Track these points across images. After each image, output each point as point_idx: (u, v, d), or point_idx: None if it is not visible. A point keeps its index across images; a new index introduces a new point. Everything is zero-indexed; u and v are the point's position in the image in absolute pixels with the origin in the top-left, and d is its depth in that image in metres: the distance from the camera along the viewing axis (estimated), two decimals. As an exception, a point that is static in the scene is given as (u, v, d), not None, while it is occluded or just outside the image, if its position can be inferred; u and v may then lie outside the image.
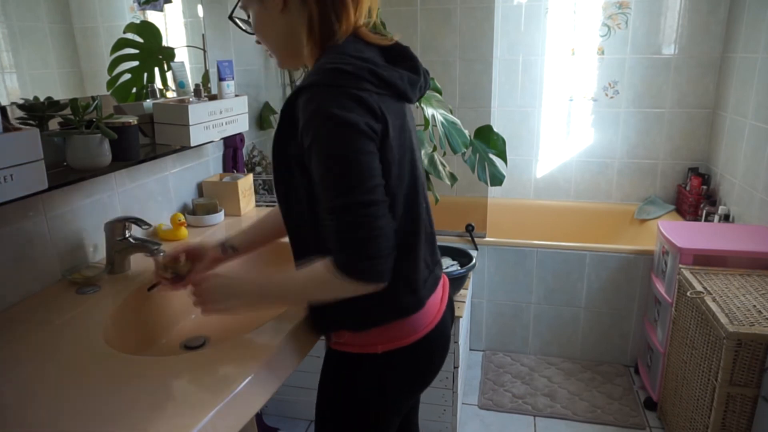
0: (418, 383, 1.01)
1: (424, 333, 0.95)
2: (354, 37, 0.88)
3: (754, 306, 1.55)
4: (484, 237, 2.38)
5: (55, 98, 1.14)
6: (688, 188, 2.60)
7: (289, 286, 0.89)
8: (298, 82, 2.34)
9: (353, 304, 0.84)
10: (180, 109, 1.38)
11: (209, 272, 1.05)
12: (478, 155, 2.22)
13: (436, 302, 0.99)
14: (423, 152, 1.90)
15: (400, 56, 0.92)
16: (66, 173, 1.12)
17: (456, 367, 1.88)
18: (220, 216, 1.63)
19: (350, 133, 0.77)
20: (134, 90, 1.42)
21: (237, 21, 1.00)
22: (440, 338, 1.00)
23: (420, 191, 0.93)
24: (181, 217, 1.49)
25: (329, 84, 0.79)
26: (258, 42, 0.95)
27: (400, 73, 0.87)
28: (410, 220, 0.90)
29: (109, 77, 1.32)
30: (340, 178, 0.78)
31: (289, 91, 2.35)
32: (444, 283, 1.06)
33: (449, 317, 1.06)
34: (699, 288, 1.67)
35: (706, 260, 1.85)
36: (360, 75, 0.80)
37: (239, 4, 0.95)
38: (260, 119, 2.13)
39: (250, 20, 0.94)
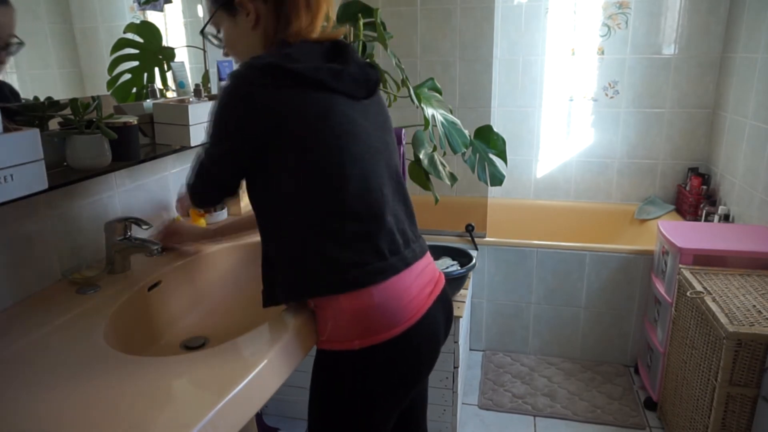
0: (403, 383, 1.00)
1: (403, 328, 0.95)
2: (302, 40, 0.97)
3: (754, 306, 1.55)
4: (484, 237, 2.38)
5: (55, 98, 1.14)
6: (688, 188, 2.60)
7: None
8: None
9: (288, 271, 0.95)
10: (180, 109, 1.38)
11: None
12: (478, 155, 2.22)
13: (410, 298, 0.97)
14: (423, 152, 1.91)
15: (339, 52, 0.99)
16: (66, 173, 1.12)
17: (456, 367, 1.88)
18: (223, 214, 1.64)
19: (226, 125, 0.93)
20: (134, 90, 1.42)
21: (209, 36, 1.08)
22: (424, 335, 0.99)
23: (359, 180, 0.95)
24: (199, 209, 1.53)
25: (238, 74, 0.89)
26: (226, 54, 1.04)
27: (317, 65, 0.92)
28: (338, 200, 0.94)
29: (109, 77, 1.32)
30: (213, 147, 0.96)
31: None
32: (433, 279, 1.05)
33: (440, 315, 1.04)
34: (699, 288, 1.67)
35: (706, 260, 1.85)
36: (264, 70, 0.88)
37: (210, 20, 1.03)
38: (260, 119, 2.13)
39: (220, 35, 1.03)
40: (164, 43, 1.50)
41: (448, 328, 1.09)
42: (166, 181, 1.55)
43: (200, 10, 1.65)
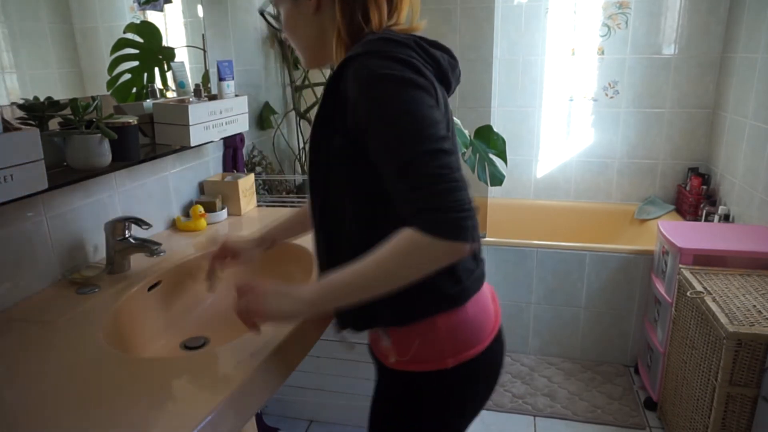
0: (488, 394, 0.95)
1: (490, 340, 0.89)
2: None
3: (754, 306, 1.55)
4: (484, 237, 2.38)
5: (55, 98, 1.14)
6: (688, 188, 2.60)
7: (370, 266, 0.75)
8: (298, 82, 2.34)
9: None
10: (180, 109, 1.38)
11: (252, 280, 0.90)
12: (478, 155, 2.22)
13: (490, 307, 0.92)
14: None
15: (436, 44, 0.90)
16: (66, 173, 1.12)
17: (456, 367, 1.88)
18: (223, 214, 1.64)
19: (408, 89, 0.74)
20: (134, 90, 1.42)
21: (266, 16, 0.97)
22: (502, 343, 0.95)
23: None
24: (201, 209, 1.54)
25: (378, 50, 0.76)
26: (285, 39, 0.94)
27: (441, 53, 0.86)
28: None
29: (109, 77, 1.32)
30: (405, 134, 0.72)
31: (289, 91, 2.35)
32: (493, 293, 0.98)
33: (502, 341, 0.98)
34: (699, 288, 1.67)
35: (706, 260, 1.85)
36: (407, 44, 0.79)
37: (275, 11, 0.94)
38: (260, 119, 2.13)
39: (280, 17, 0.92)
40: (164, 43, 1.50)
41: None
42: (166, 181, 1.55)
43: (200, 10, 1.65)
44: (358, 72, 0.76)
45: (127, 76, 1.37)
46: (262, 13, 1.01)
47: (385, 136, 0.74)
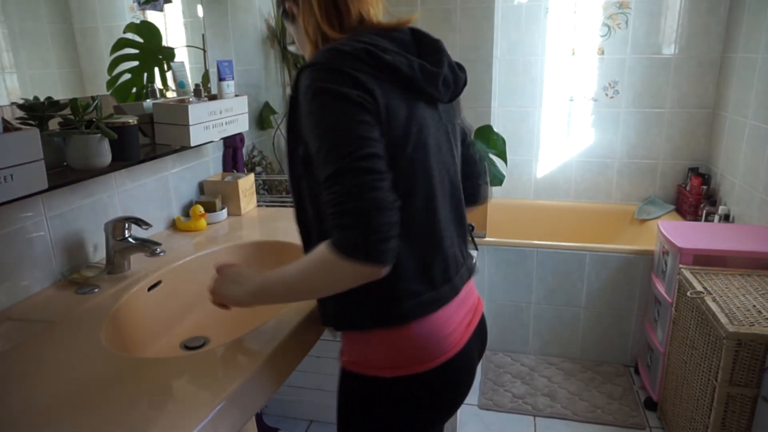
0: (435, 416, 0.91)
1: (438, 363, 0.85)
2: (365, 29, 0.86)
3: (754, 306, 1.55)
4: (484, 237, 2.38)
5: (55, 98, 1.14)
6: (688, 188, 2.60)
7: (291, 274, 0.80)
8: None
9: (347, 294, 0.78)
10: (180, 109, 1.38)
11: (228, 264, 0.97)
12: (478, 155, 2.22)
13: (450, 332, 0.87)
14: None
15: (425, 49, 0.88)
16: (66, 173, 1.12)
17: (456, 367, 1.88)
18: (223, 214, 1.64)
19: (340, 104, 0.75)
20: (134, 90, 1.42)
21: (290, 50, 1.02)
22: (458, 369, 0.89)
23: (425, 199, 0.84)
24: (201, 209, 1.54)
25: (322, 63, 0.77)
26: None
27: (410, 59, 0.82)
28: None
29: (109, 77, 1.32)
30: (330, 149, 0.74)
31: (289, 91, 2.35)
32: (473, 307, 0.96)
33: (476, 346, 0.95)
34: (699, 288, 1.67)
35: (706, 260, 1.85)
36: (355, 54, 0.78)
37: (287, 31, 0.96)
38: (260, 119, 2.13)
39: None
40: (164, 43, 1.50)
41: (481, 355, 1.00)
42: (166, 181, 1.55)
43: (200, 10, 1.65)
44: (302, 84, 0.78)
45: (127, 76, 1.37)
46: (287, 49, 1.05)
47: (315, 149, 0.76)
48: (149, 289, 1.19)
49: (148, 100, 1.42)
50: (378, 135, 0.76)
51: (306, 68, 0.79)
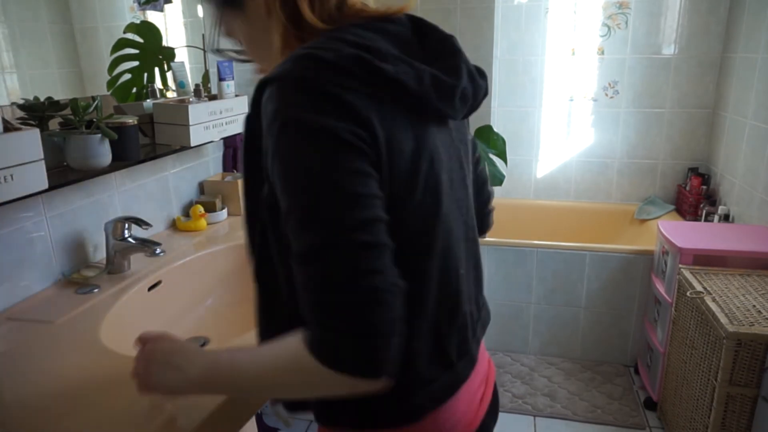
0: None
1: None
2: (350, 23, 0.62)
3: (754, 306, 1.55)
4: (484, 237, 2.38)
5: (55, 98, 1.14)
6: (688, 188, 2.60)
7: (257, 368, 0.58)
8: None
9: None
10: (180, 109, 1.38)
11: (154, 338, 0.70)
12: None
13: (468, 405, 0.71)
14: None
15: (434, 48, 0.66)
16: (66, 173, 1.12)
17: (456, 367, 1.88)
18: (223, 214, 1.64)
19: (326, 145, 0.53)
20: (134, 90, 1.42)
21: (227, 52, 0.73)
22: None
23: (441, 259, 0.64)
24: (201, 209, 1.54)
25: (298, 77, 0.54)
26: (261, 71, 0.70)
27: (418, 69, 0.59)
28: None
29: (109, 77, 1.32)
30: (312, 211, 0.52)
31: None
32: (485, 377, 0.77)
33: (491, 422, 0.77)
34: (699, 288, 1.67)
35: (706, 260, 1.85)
36: (343, 65, 0.55)
37: (218, 31, 0.70)
38: (260, 119, 2.13)
39: (237, 44, 0.71)
40: (164, 43, 1.50)
41: (494, 426, 0.82)
42: (166, 181, 1.55)
43: (200, 10, 1.65)
44: (267, 103, 0.55)
45: (127, 76, 1.37)
46: (217, 52, 0.73)
47: (284, 208, 0.54)
48: (149, 289, 1.19)
49: (148, 100, 1.43)
50: (376, 187, 0.55)
51: (270, 82, 0.55)
